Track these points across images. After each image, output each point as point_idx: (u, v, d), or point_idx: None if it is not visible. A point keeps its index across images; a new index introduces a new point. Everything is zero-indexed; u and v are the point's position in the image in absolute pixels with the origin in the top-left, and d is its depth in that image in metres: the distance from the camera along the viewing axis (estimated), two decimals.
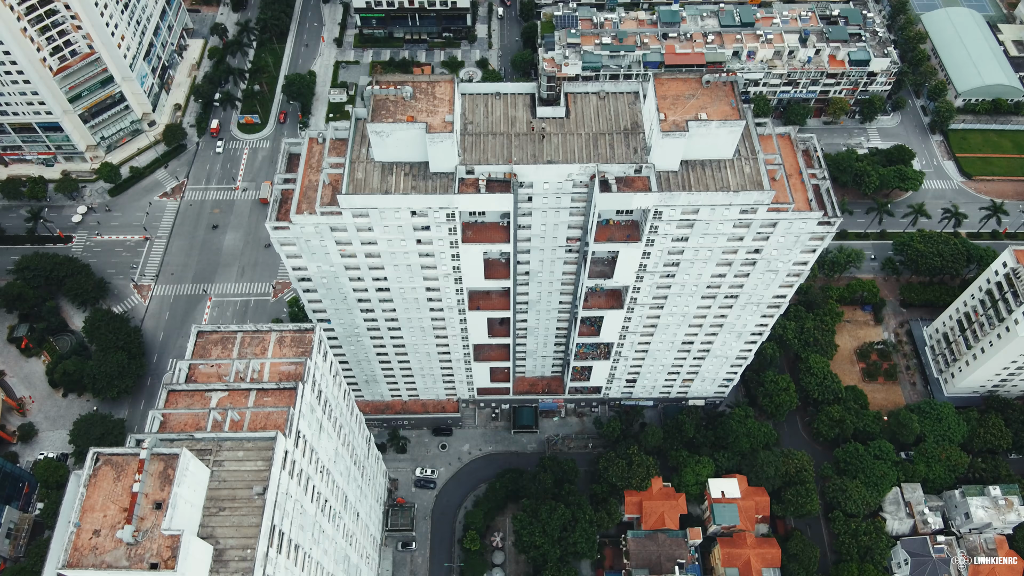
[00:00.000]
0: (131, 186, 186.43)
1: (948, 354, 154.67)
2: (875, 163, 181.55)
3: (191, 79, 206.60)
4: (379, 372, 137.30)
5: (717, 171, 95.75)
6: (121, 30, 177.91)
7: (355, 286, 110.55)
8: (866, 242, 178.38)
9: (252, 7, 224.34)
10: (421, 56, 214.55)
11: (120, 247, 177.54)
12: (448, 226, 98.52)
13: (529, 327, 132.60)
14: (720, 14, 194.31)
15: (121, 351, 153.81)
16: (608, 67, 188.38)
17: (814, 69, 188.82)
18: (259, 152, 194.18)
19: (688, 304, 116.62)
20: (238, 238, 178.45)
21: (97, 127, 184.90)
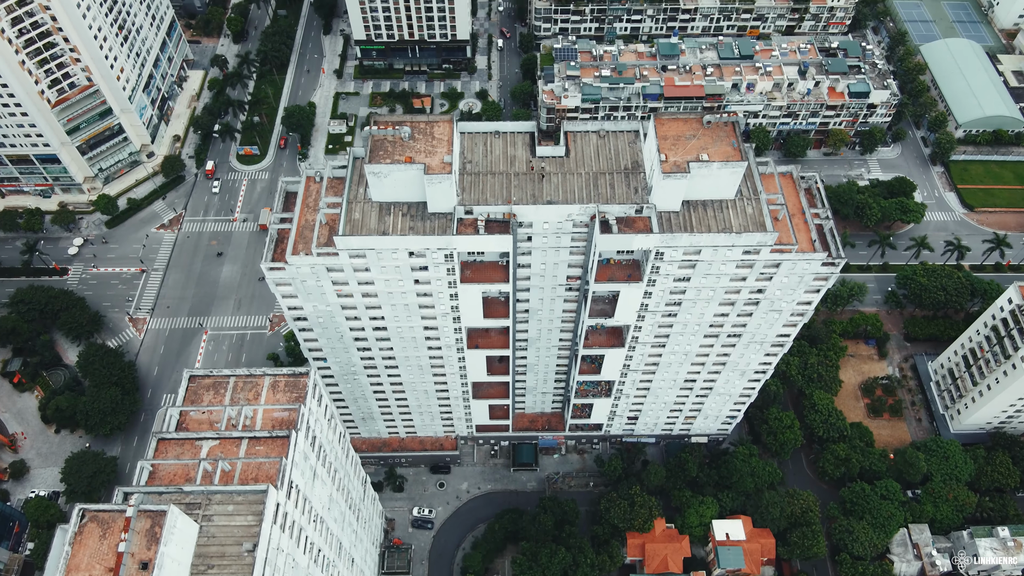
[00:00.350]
0: (128, 218, 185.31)
1: (954, 390, 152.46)
2: (876, 195, 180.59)
3: (191, 110, 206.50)
4: (376, 410, 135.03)
5: (719, 211, 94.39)
6: (120, 62, 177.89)
7: (352, 325, 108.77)
8: (868, 275, 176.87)
9: (253, 39, 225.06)
10: (421, 87, 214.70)
11: (116, 279, 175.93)
12: (446, 266, 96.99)
13: (529, 364, 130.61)
14: (719, 47, 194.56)
15: (115, 387, 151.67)
16: (607, 99, 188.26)
17: (814, 101, 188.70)
18: (258, 183, 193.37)
19: (691, 343, 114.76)
20: (235, 270, 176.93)
21: (95, 159, 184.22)
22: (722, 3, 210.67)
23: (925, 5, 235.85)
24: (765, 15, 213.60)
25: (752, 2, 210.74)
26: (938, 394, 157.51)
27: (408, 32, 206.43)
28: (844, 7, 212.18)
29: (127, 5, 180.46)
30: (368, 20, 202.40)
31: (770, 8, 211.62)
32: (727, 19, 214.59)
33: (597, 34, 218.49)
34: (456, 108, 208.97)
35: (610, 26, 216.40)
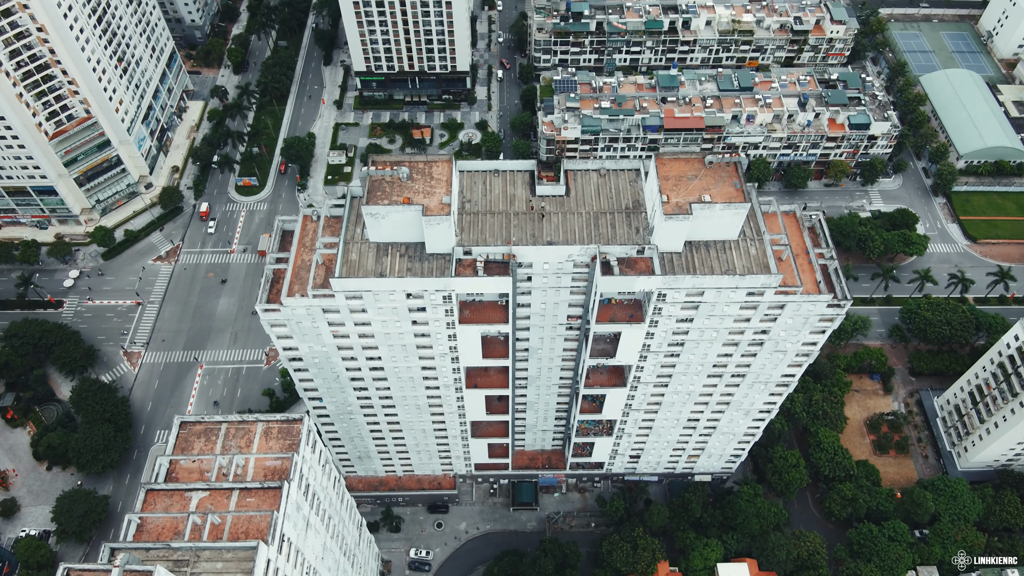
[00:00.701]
0: (125, 249, 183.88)
1: (960, 427, 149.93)
2: (878, 227, 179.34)
3: (190, 141, 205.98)
4: (372, 449, 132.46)
5: (722, 252, 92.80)
6: (119, 94, 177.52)
7: (348, 365, 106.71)
8: (872, 307, 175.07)
9: (253, 69, 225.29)
10: (421, 118, 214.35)
11: (111, 312, 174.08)
12: (445, 307, 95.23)
13: (529, 402, 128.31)
14: (718, 78, 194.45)
15: (107, 423, 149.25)
16: (607, 131, 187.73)
17: (814, 133, 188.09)
18: (256, 215, 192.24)
19: (694, 383, 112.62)
20: (232, 303, 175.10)
21: (92, 190, 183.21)
22: (721, 35, 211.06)
23: (924, 36, 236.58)
24: (764, 46, 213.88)
25: (751, 34, 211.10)
26: (944, 431, 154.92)
27: (408, 64, 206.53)
28: (843, 39, 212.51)
29: (127, 37, 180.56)
30: (368, 52, 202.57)
31: (769, 40, 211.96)
32: (726, 50, 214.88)
33: (596, 65, 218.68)
34: (456, 139, 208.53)
35: (609, 57, 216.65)
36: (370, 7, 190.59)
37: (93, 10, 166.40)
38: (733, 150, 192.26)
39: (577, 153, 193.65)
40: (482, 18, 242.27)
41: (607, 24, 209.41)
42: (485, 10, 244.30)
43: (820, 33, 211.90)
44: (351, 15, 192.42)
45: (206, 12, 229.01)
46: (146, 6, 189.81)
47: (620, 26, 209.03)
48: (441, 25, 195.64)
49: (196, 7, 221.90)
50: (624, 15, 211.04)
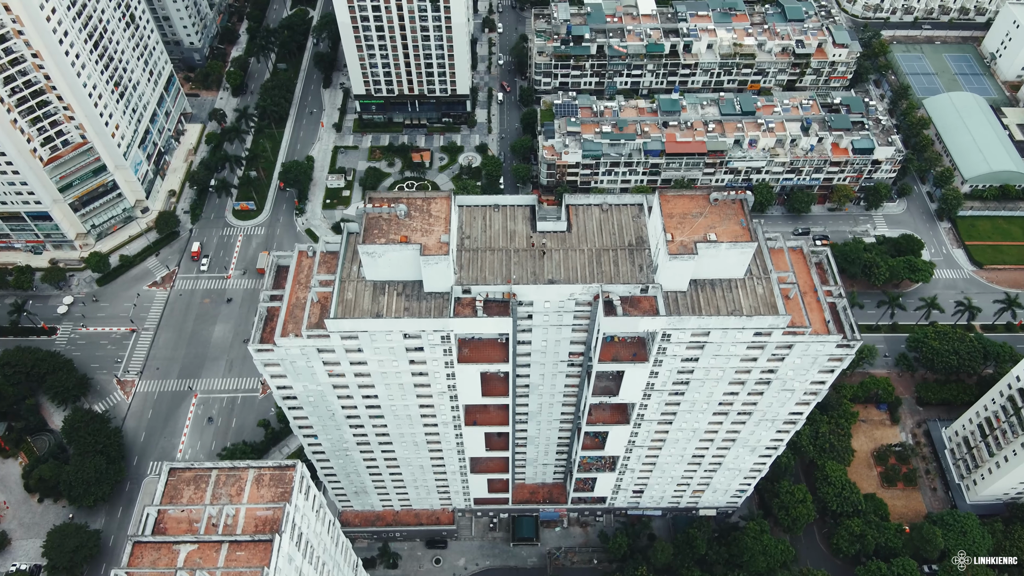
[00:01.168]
0: (120, 275, 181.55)
1: (969, 460, 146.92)
2: (883, 253, 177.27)
3: (187, 164, 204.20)
4: (369, 484, 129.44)
5: (728, 291, 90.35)
6: (116, 119, 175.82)
7: (344, 403, 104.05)
8: (878, 335, 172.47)
9: (252, 92, 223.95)
10: (421, 141, 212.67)
11: (105, 339, 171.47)
12: (443, 347, 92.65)
13: (529, 436, 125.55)
14: (720, 103, 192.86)
15: (100, 455, 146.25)
16: (608, 155, 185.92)
17: (817, 157, 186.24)
18: (253, 239, 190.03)
19: (699, 420, 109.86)
20: (227, 330, 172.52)
21: (88, 215, 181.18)
22: (722, 58, 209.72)
23: (926, 58, 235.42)
24: (766, 70, 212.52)
25: (752, 57, 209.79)
26: (953, 463, 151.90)
27: (408, 87, 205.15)
28: (845, 62, 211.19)
29: (124, 62, 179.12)
30: (368, 76, 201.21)
31: (771, 63, 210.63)
32: (727, 73, 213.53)
33: (597, 88, 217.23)
34: (456, 162, 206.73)
35: (610, 81, 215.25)
36: (369, 31, 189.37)
37: (90, 35, 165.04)
38: (735, 174, 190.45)
39: (578, 178, 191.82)
40: (482, 40, 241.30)
41: (608, 47, 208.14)
42: (485, 32, 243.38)
43: (822, 56, 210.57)
44: (350, 39, 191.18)
45: (205, 34, 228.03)
46: (144, 30, 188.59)
47: (621, 49, 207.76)
48: (441, 49, 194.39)
49: (195, 30, 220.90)
50: (625, 38, 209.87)
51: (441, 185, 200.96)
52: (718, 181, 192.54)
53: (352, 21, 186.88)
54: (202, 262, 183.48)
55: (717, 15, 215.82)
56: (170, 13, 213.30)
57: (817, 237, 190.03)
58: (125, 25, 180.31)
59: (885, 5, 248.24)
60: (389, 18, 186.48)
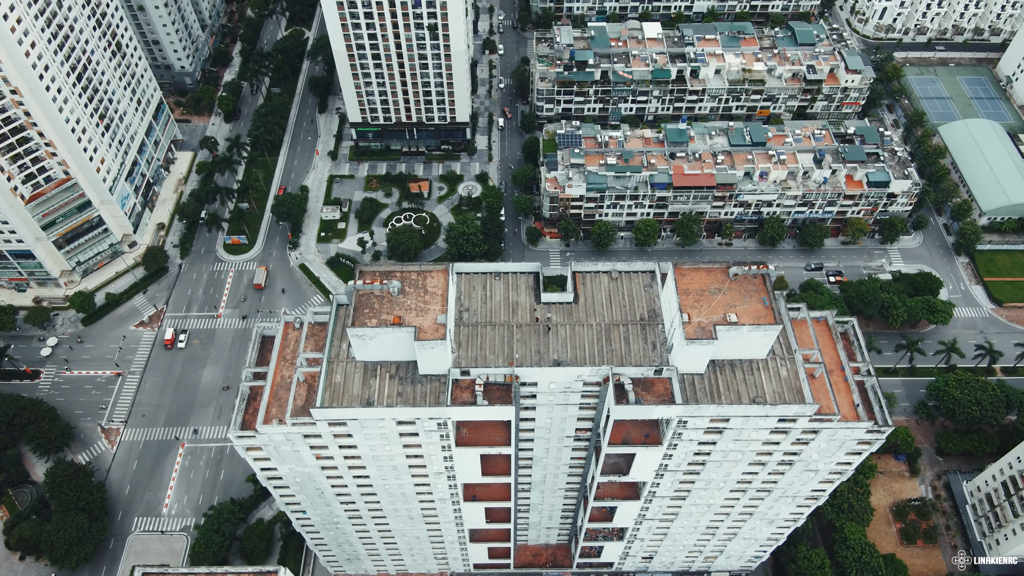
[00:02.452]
0: (106, 314, 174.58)
1: (992, 518, 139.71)
2: (900, 291, 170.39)
3: (177, 195, 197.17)
4: (362, 551, 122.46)
5: (749, 374, 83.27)
6: (101, 153, 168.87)
7: (334, 483, 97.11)
8: (895, 379, 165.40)
9: (245, 117, 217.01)
10: (419, 170, 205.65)
11: (90, 384, 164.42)
12: (440, 432, 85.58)
13: (532, 503, 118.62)
14: (729, 133, 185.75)
15: (82, 513, 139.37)
16: (614, 188, 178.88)
17: (830, 190, 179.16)
18: (245, 275, 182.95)
19: (715, 496, 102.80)
20: (217, 373, 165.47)
21: (73, 252, 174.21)
22: (731, 84, 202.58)
23: (940, 81, 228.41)
24: (776, 96, 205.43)
25: (762, 83, 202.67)
26: (975, 519, 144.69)
27: (406, 115, 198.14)
28: (858, 88, 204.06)
29: (110, 93, 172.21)
30: (364, 104, 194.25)
31: (781, 89, 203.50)
32: (736, 99, 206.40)
33: (601, 114, 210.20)
34: (455, 192, 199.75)
35: (615, 107, 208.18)
36: (365, 59, 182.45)
37: (72, 68, 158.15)
38: (746, 207, 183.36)
39: (582, 211, 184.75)
40: (483, 62, 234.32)
41: (612, 73, 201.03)
42: (486, 54, 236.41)
43: (834, 82, 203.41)
44: (346, 67, 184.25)
45: (196, 58, 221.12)
46: (131, 58, 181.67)
47: (626, 76, 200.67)
48: (440, 78, 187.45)
49: (186, 53, 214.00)
50: (630, 64, 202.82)
51: (440, 217, 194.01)
52: (727, 214, 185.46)
53: (347, 49, 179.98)
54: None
55: (725, 39, 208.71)
56: (160, 37, 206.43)
57: (831, 273, 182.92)
58: (111, 54, 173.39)
59: (897, 25, 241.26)
60: (386, 46, 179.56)
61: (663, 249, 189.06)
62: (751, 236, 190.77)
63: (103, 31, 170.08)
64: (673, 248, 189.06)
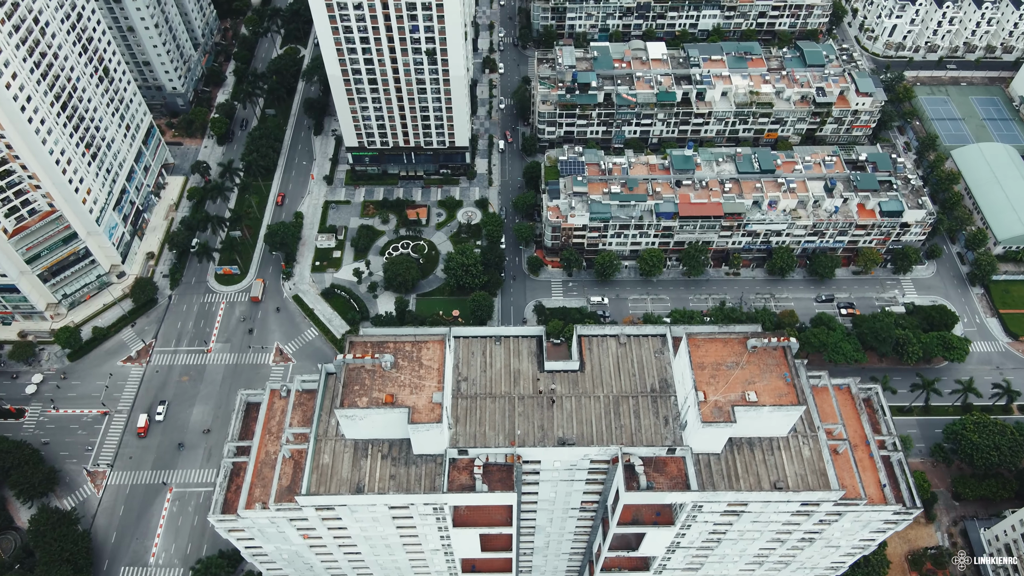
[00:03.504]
0: (93, 349, 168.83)
1: (1012, 570, 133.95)
2: (915, 326, 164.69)
3: (168, 222, 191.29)
4: None
5: (769, 453, 77.44)
6: (87, 183, 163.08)
7: (323, 559, 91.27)
8: (910, 418, 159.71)
9: (239, 139, 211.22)
10: (417, 195, 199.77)
11: (76, 423, 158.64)
12: (436, 515, 79.80)
13: (535, 565, 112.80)
14: (737, 159, 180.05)
15: (67, 564, 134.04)
16: (618, 217, 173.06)
17: (842, 220, 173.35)
18: (236, 306, 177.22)
19: (729, 569, 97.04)
20: (206, 412, 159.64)
21: (59, 284, 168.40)
22: (738, 107, 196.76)
23: (952, 101, 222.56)
24: (784, 119, 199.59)
25: (770, 106, 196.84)
26: (992, 570, 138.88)
27: (403, 140, 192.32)
28: (869, 110, 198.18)
29: (96, 120, 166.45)
30: (360, 129, 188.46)
31: (789, 112, 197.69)
32: (743, 122, 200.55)
33: (605, 137, 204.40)
34: (454, 218, 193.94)
35: (618, 130, 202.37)
36: (361, 84, 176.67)
37: (57, 97, 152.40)
38: (754, 237, 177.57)
39: (584, 240, 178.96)
40: (483, 81, 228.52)
41: (616, 96, 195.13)
42: (486, 73, 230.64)
43: (844, 105, 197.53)
44: (341, 92, 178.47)
45: (189, 78, 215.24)
46: (119, 83, 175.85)
47: (630, 98, 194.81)
48: (439, 103, 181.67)
49: (177, 74, 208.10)
50: (634, 85, 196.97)
51: (438, 245, 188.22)
52: (735, 243, 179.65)
53: (343, 74, 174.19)
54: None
55: (732, 59, 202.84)
56: (151, 58, 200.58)
57: (842, 304, 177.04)
58: (98, 80, 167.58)
59: (907, 43, 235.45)
60: (383, 71, 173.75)
61: (668, 279, 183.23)
62: (759, 265, 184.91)
63: (89, 56, 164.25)
64: (679, 278, 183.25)
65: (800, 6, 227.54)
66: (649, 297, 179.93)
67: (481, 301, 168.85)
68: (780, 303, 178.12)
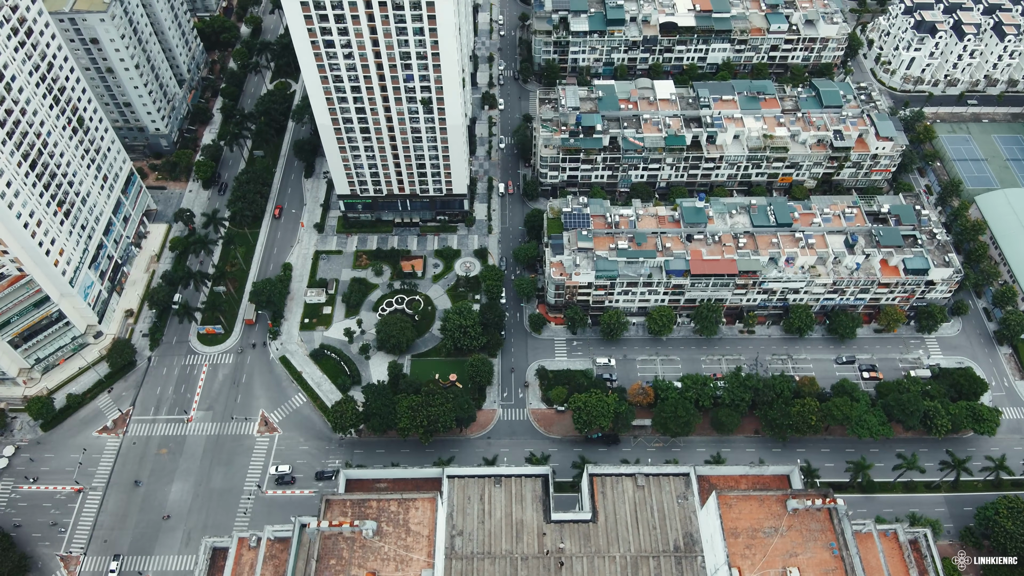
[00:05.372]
0: (67, 417, 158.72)
1: None
2: (942, 395, 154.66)
3: (149, 274, 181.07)
4: None
5: None
6: (60, 243, 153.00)
7: None
8: (937, 495, 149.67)
9: (225, 183, 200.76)
10: (413, 243, 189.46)
11: (49, 501, 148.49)
12: None
13: None
14: (752, 211, 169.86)
15: None
16: (626, 275, 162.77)
17: (864, 277, 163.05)
18: (220, 369, 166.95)
19: None
20: (186, 490, 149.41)
21: (31, 349, 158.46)
22: (751, 151, 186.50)
23: (974, 139, 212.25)
24: (800, 163, 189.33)
25: (785, 150, 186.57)
26: None
27: (398, 187, 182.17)
28: (889, 155, 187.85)
29: (70, 175, 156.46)
30: (352, 177, 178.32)
31: (805, 156, 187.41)
32: (756, 167, 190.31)
33: (611, 181, 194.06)
34: (451, 270, 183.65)
35: (624, 174, 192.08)
36: (353, 133, 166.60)
37: (25, 155, 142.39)
38: (770, 294, 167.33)
39: (590, 298, 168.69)
40: (482, 119, 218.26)
41: (622, 140, 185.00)
42: (485, 110, 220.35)
43: (863, 149, 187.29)
44: (332, 141, 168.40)
45: (173, 117, 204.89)
46: (95, 132, 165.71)
47: (637, 143, 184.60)
48: (435, 151, 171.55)
49: (160, 115, 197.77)
50: (641, 128, 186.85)
51: (435, 299, 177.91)
52: (750, 301, 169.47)
53: (333, 123, 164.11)
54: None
55: (744, 99, 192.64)
56: (131, 99, 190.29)
57: (864, 367, 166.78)
58: (72, 131, 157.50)
59: (926, 77, 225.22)
60: (375, 119, 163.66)
61: (679, 338, 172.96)
62: (775, 322, 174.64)
63: (62, 108, 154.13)
64: (690, 336, 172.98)
65: (814, 39, 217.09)
66: (659, 357, 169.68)
67: (480, 366, 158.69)
68: (798, 365, 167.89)
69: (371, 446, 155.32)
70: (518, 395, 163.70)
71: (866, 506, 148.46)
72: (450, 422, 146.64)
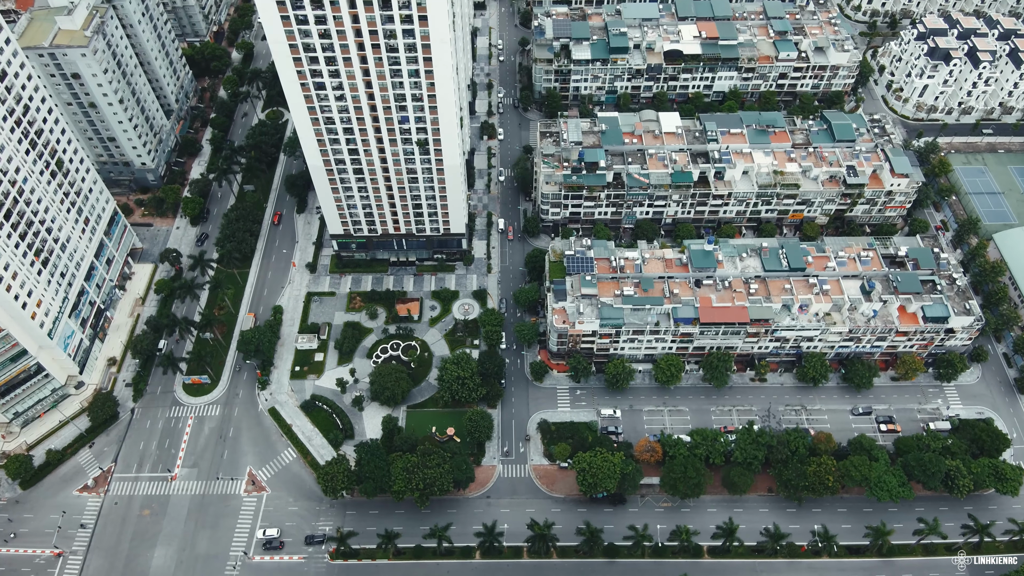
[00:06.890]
0: (47, 475, 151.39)
1: None
2: (963, 451, 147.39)
3: (133, 319, 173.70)
4: None
5: None
6: (37, 295, 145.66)
7: None
8: (959, 557, 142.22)
9: (214, 218, 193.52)
10: (409, 283, 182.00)
11: (28, 566, 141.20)
12: None
13: None
14: (763, 254, 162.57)
15: None
16: (631, 323, 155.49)
17: (881, 325, 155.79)
18: (206, 422, 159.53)
19: None
20: (169, 556, 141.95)
21: (9, 404, 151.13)
22: (760, 188, 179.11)
23: (990, 171, 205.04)
24: (811, 200, 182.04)
25: (796, 187, 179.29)
26: None
27: (393, 227, 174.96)
28: (905, 191, 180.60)
29: (47, 222, 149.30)
30: (346, 218, 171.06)
31: (817, 192, 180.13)
32: (766, 203, 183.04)
33: (615, 218, 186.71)
34: (449, 312, 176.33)
35: (629, 211, 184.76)
36: (346, 174, 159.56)
37: None
38: (783, 342, 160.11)
39: (594, 345, 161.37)
40: (480, 149, 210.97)
41: (627, 176, 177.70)
42: (484, 140, 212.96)
43: (878, 185, 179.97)
44: (324, 182, 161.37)
45: (160, 150, 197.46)
46: (75, 174, 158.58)
47: (641, 179, 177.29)
48: (432, 191, 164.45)
49: (146, 148, 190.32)
50: (646, 163, 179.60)
51: (431, 345, 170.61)
52: (762, 348, 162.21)
53: (325, 164, 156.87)
54: None
55: (752, 133, 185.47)
56: (116, 134, 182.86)
57: (881, 419, 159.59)
58: (50, 176, 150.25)
59: (940, 104, 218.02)
60: (369, 161, 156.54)
61: (687, 387, 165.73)
62: (788, 370, 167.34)
63: (39, 152, 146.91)
64: (699, 385, 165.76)
65: (824, 67, 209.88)
66: (666, 408, 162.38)
67: (479, 420, 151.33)
68: (812, 416, 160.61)
69: (364, 507, 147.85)
70: (519, 449, 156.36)
71: (885, 570, 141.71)
72: (447, 485, 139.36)
